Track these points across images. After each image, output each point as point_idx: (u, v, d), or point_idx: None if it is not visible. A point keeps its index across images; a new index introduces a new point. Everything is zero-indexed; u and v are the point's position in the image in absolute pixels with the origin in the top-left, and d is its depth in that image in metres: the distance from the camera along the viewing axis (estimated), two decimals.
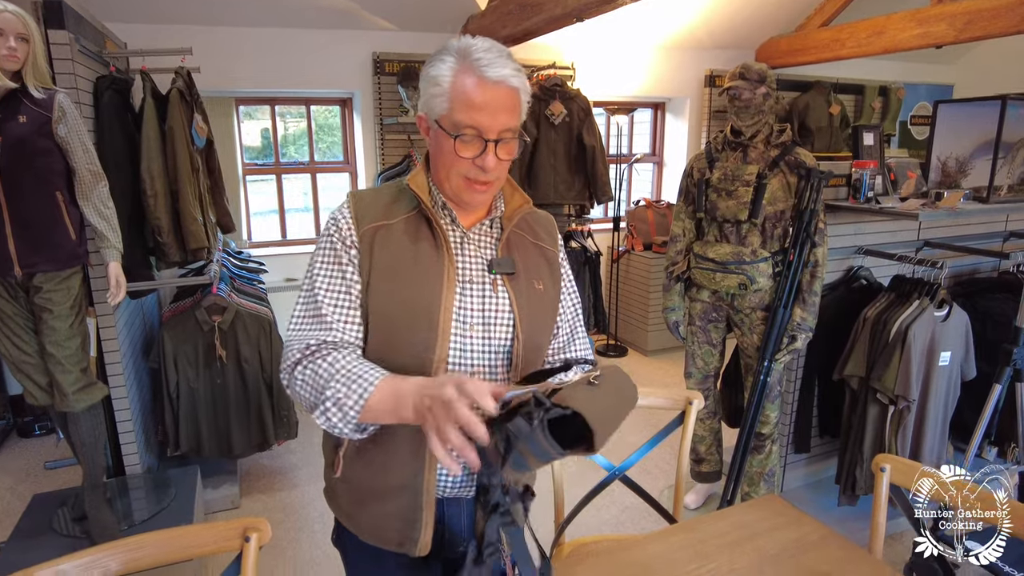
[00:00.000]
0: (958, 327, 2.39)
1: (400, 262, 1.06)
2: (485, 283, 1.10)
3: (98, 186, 2.13)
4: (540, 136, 3.90)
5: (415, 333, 1.04)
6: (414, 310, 1.05)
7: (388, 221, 1.08)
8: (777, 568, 1.24)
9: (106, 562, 1.13)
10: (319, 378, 0.98)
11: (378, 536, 1.13)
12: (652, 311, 4.64)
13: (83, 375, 2.14)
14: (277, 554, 2.50)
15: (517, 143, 1.05)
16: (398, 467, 1.07)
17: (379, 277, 1.06)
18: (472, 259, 1.11)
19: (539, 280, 1.16)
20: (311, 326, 1.05)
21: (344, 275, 1.07)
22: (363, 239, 1.07)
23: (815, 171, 2.28)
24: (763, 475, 2.58)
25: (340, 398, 0.94)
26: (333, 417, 0.95)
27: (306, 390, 0.99)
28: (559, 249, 1.25)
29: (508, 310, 1.10)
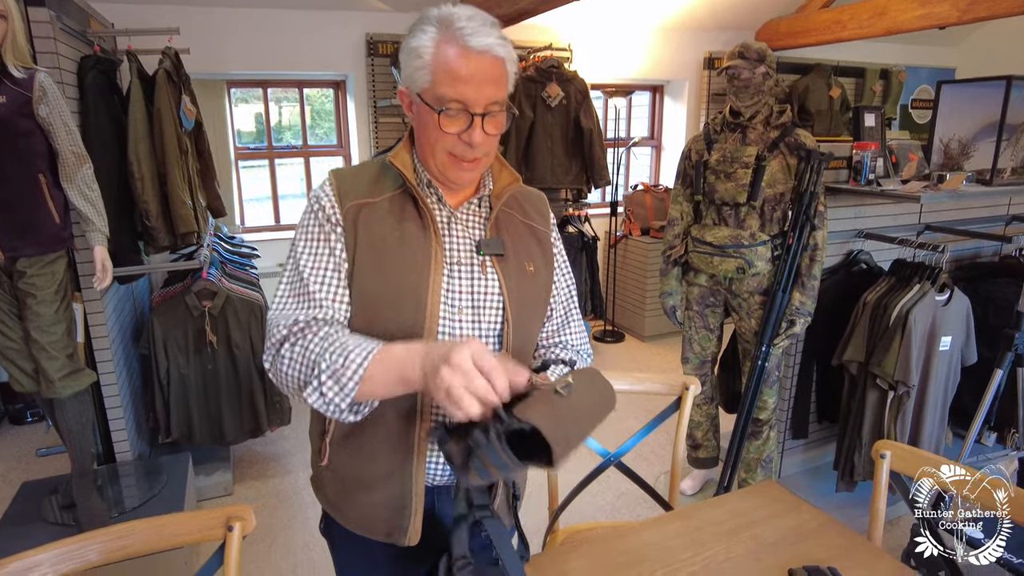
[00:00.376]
0: (959, 312, 2.36)
1: (385, 242, 1.02)
2: (474, 264, 1.06)
3: (82, 168, 2.08)
4: (536, 119, 3.84)
5: (401, 315, 1.00)
6: (400, 292, 1.00)
7: (372, 199, 1.04)
8: (775, 556, 1.21)
9: (86, 552, 1.10)
10: (310, 353, 0.92)
11: (366, 526, 1.09)
12: (649, 296, 4.60)
13: (69, 361, 2.10)
14: (271, 540, 2.48)
15: (505, 116, 1.00)
16: (386, 455, 1.04)
17: (364, 257, 1.01)
18: (460, 239, 1.07)
19: (530, 262, 1.12)
20: (297, 304, 1.00)
21: (332, 252, 1.02)
22: (347, 217, 1.02)
23: (815, 152, 2.23)
24: (760, 461, 2.56)
25: (337, 369, 0.88)
26: (329, 392, 0.89)
27: (295, 368, 0.93)
28: (551, 229, 1.20)
29: (497, 293, 1.06)
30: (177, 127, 2.57)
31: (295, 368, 0.94)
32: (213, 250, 3.02)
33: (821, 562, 1.17)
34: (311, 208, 1.05)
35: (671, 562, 1.20)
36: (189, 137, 2.79)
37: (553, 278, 1.18)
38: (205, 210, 2.93)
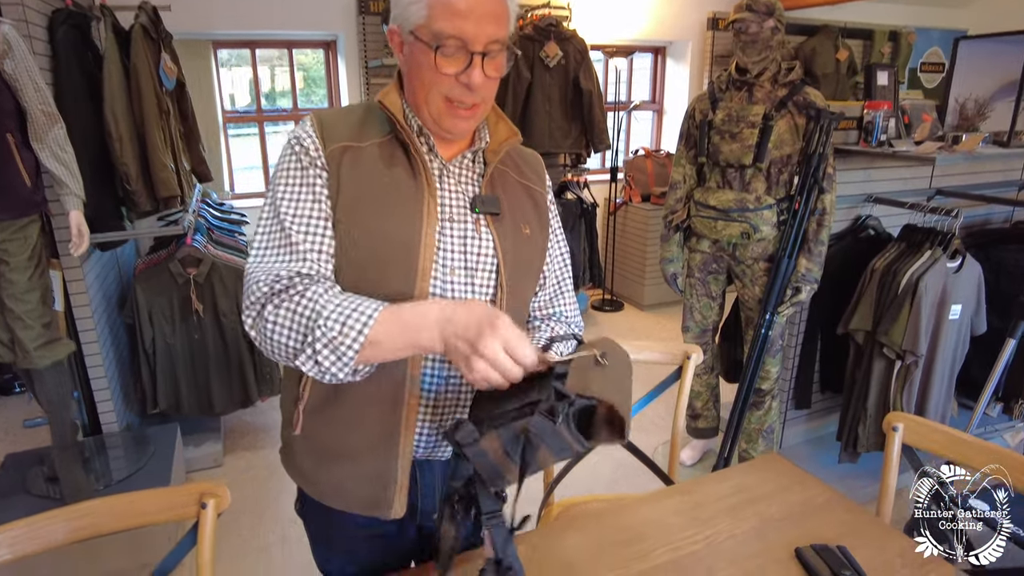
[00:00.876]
0: (971, 279, 2.28)
1: (372, 189, 0.92)
2: (467, 222, 0.97)
3: (53, 128, 1.97)
4: (534, 80, 3.70)
5: (389, 272, 0.91)
6: (389, 246, 0.91)
7: (358, 143, 0.94)
8: (781, 534, 1.14)
9: (47, 532, 1.03)
10: (301, 317, 0.83)
11: (346, 499, 1.01)
12: (649, 265, 4.51)
13: (45, 330, 2.02)
14: (260, 511, 2.44)
15: (506, 57, 0.91)
16: (370, 425, 0.95)
17: (348, 206, 0.91)
18: (453, 194, 0.97)
19: (526, 224, 1.04)
20: (278, 256, 0.90)
21: (316, 198, 0.92)
22: (331, 160, 0.92)
23: (825, 112, 2.13)
24: (761, 431, 2.50)
25: (334, 337, 0.80)
26: (325, 361, 0.81)
27: (283, 334, 0.84)
28: (547, 191, 1.12)
29: (492, 254, 0.97)
30: (156, 86, 2.45)
31: (283, 334, 0.84)
32: (200, 216, 2.92)
33: (829, 540, 1.11)
34: (291, 149, 0.94)
35: (672, 540, 1.14)
36: (171, 98, 2.67)
37: (548, 244, 1.09)
38: (189, 174, 2.82)
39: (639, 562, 1.07)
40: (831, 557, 1.05)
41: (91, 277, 2.45)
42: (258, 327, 0.87)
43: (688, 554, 1.10)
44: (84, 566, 2.03)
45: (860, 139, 2.38)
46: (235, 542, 2.29)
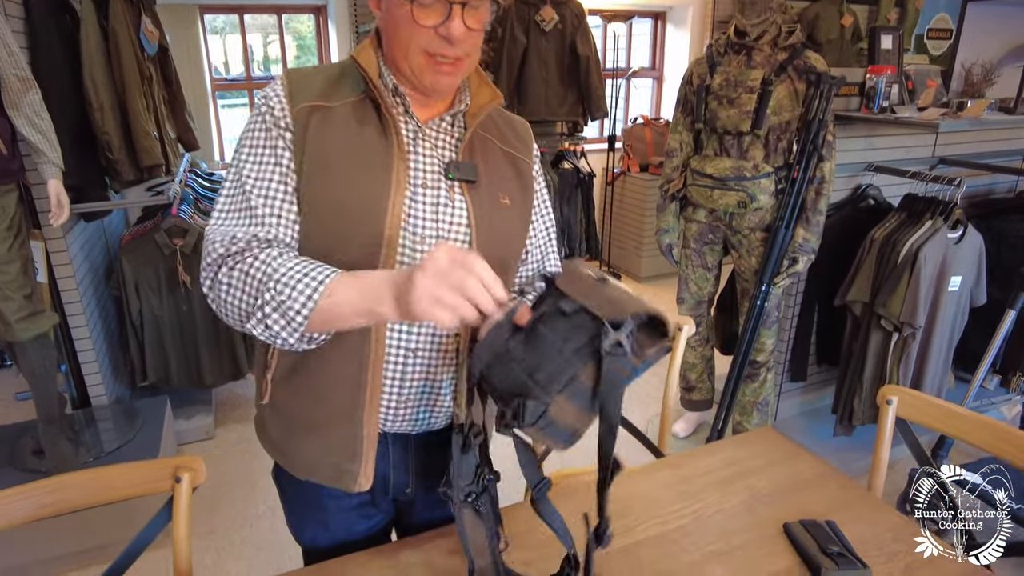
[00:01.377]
0: (971, 250, 2.23)
1: (340, 152, 0.88)
2: (440, 189, 0.92)
3: (28, 94, 1.90)
4: (530, 45, 3.60)
5: (354, 239, 0.87)
6: (354, 212, 0.87)
7: (328, 104, 0.89)
8: (770, 508, 1.12)
9: (15, 507, 1.01)
10: (251, 279, 0.80)
11: (313, 470, 0.99)
12: (647, 236, 4.46)
13: (27, 302, 1.98)
14: (253, 482, 2.44)
15: (488, 7, 0.85)
16: (336, 394, 0.92)
17: (313, 168, 0.87)
18: (427, 159, 0.92)
19: (505, 194, 0.98)
20: (238, 219, 0.87)
21: (278, 162, 0.88)
22: (297, 119, 0.88)
23: (826, 76, 2.06)
24: (756, 404, 2.48)
25: (283, 301, 0.77)
26: (275, 325, 0.79)
27: (234, 295, 0.81)
28: (534, 160, 1.06)
29: (464, 223, 0.93)
30: (137, 51, 2.37)
31: (236, 296, 0.81)
32: (187, 186, 2.86)
33: (819, 515, 1.08)
34: (258, 110, 0.90)
35: (659, 514, 1.11)
36: (153, 63, 2.59)
37: (531, 216, 1.04)
38: (175, 142, 2.76)
39: (625, 537, 1.05)
40: (819, 532, 1.02)
41: (75, 248, 2.40)
42: (213, 289, 0.84)
43: (675, 528, 1.07)
44: (75, 537, 2.03)
45: (862, 105, 2.32)
46: (229, 513, 2.29)
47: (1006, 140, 2.75)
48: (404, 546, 1.04)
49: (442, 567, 0.99)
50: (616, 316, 0.73)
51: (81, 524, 2.01)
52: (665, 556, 1.01)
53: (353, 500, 1.03)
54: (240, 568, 2.05)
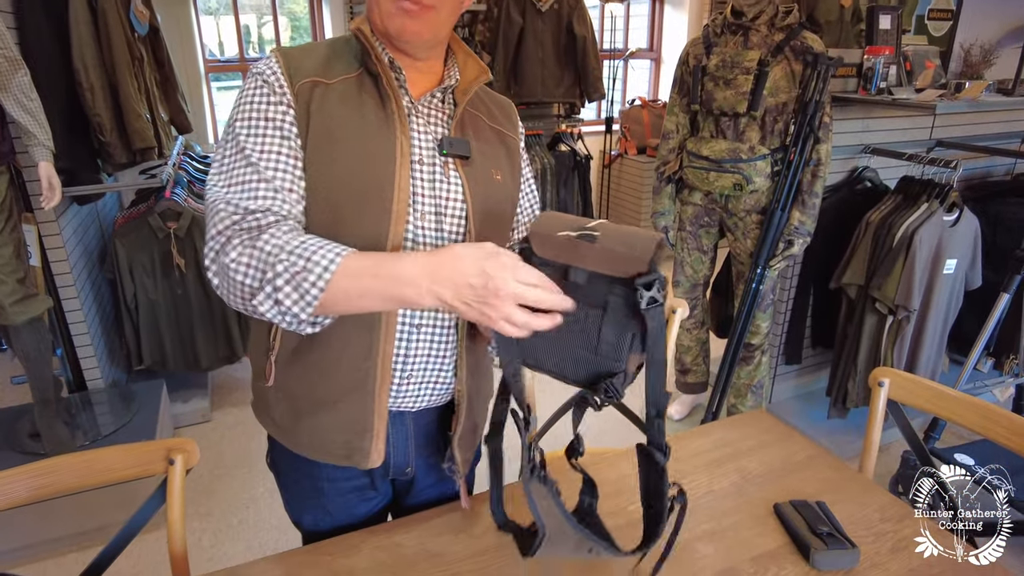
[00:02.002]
0: (967, 233, 2.23)
1: (343, 127, 0.87)
2: (436, 164, 0.92)
3: (17, 75, 1.88)
4: (526, 25, 3.56)
5: (363, 215, 0.86)
6: (363, 185, 0.86)
7: (326, 80, 0.88)
8: (760, 489, 1.13)
9: (11, 489, 1.01)
10: (262, 252, 0.76)
11: (321, 449, 0.98)
12: (644, 219, 4.45)
13: (20, 286, 1.97)
14: (250, 466, 2.45)
15: None
16: (346, 368, 0.92)
17: (317, 146, 0.86)
18: (422, 135, 0.92)
19: (497, 169, 0.99)
20: (245, 191, 0.82)
21: (284, 135, 0.85)
22: (299, 97, 0.86)
23: (823, 57, 2.04)
24: (751, 387, 2.49)
25: (298, 272, 0.74)
26: (287, 300, 0.75)
27: (239, 271, 0.77)
28: (520, 137, 1.07)
29: (460, 199, 0.93)
30: (127, 31, 2.34)
31: (241, 271, 0.77)
32: (181, 169, 2.84)
33: (809, 496, 1.09)
34: (254, 83, 0.87)
35: None
36: (144, 44, 2.56)
37: (519, 193, 1.05)
38: (167, 125, 2.73)
39: (613, 517, 1.05)
40: (809, 512, 1.03)
41: (68, 231, 2.39)
42: (218, 263, 0.79)
43: None
44: (71, 520, 2.04)
45: (859, 87, 2.30)
46: (226, 495, 2.30)
47: (1004, 122, 2.74)
48: (397, 527, 1.04)
49: (433, 547, 0.99)
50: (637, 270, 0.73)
51: (80, 506, 2.02)
52: None
53: (352, 483, 1.03)
54: (237, 549, 2.07)
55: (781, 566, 0.95)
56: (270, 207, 0.81)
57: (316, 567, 0.96)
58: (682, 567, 0.95)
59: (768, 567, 0.96)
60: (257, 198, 0.82)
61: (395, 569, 0.95)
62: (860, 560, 0.95)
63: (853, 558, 0.95)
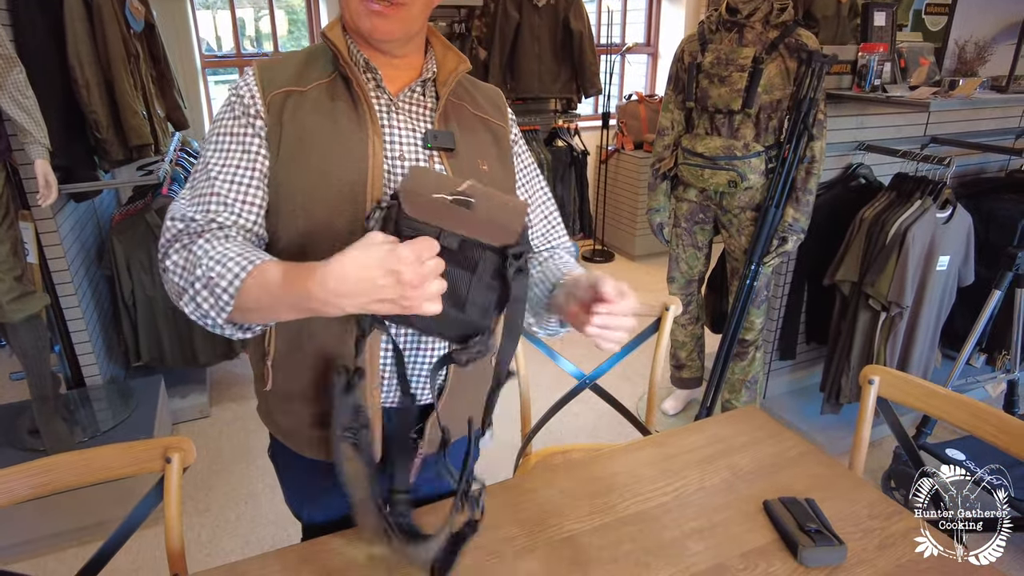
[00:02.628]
0: (960, 230, 2.24)
1: (315, 134, 0.89)
2: (419, 159, 0.93)
3: (12, 72, 1.88)
4: (523, 20, 3.56)
5: (337, 216, 0.87)
6: (335, 187, 0.87)
7: (300, 88, 0.90)
8: (750, 486, 1.14)
9: (10, 486, 1.03)
10: (194, 257, 0.80)
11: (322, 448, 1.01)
12: (641, 214, 4.46)
13: (17, 283, 1.98)
14: (249, 462, 2.46)
15: None
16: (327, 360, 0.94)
17: (290, 152, 0.88)
18: (402, 131, 0.93)
19: (484, 159, 0.98)
20: (199, 202, 0.86)
21: (246, 148, 0.89)
22: (271, 108, 0.89)
23: (817, 54, 2.05)
24: (745, 382, 2.51)
25: (212, 277, 0.77)
26: (204, 303, 0.78)
27: (176, 272, 0.81)
28: (509, 124, 1.06)
29: None
30: (123, 27, 2.34)
31: (176, 273, 0.81)
32: (178, 165, 2.85)
33: (799, 493, 1.11)
34: (227, 100, 0.92)
35: (641, 491, 1.13)
36: (139, 40, 2.56)
37: (514, 183, 1.04)
38: (164, 121, 2.74)
39: (605, 514, 1.07)
40: (798, 509, 1.05)
41: (66, 229, 2.40)
42: (161, 265, 0.84)
43: (656, 506, 1.10)
44: (70, 516, 2.06)
45: (853, 84, 2.31)
46: (224, 490, 2.32)
47: (998, 119, 2.75)
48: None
49: None
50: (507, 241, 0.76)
51: (79, 502, 2.03)
52: (645, 533, 1.03)
53: None
54: (235, 544, 2.09)
55: (770, 563, 0.97)
56: (214, 218, 0.85)
57: (314, 562, 0.97)
58: (672, 563, 0.97)
59: (757, 563, 0.97)
60: (207, 211, 0.85)
61: (392, 564, 0.96)
62: (847, 557, 0.97)
63: (840, 555, 0.97)
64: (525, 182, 1.08)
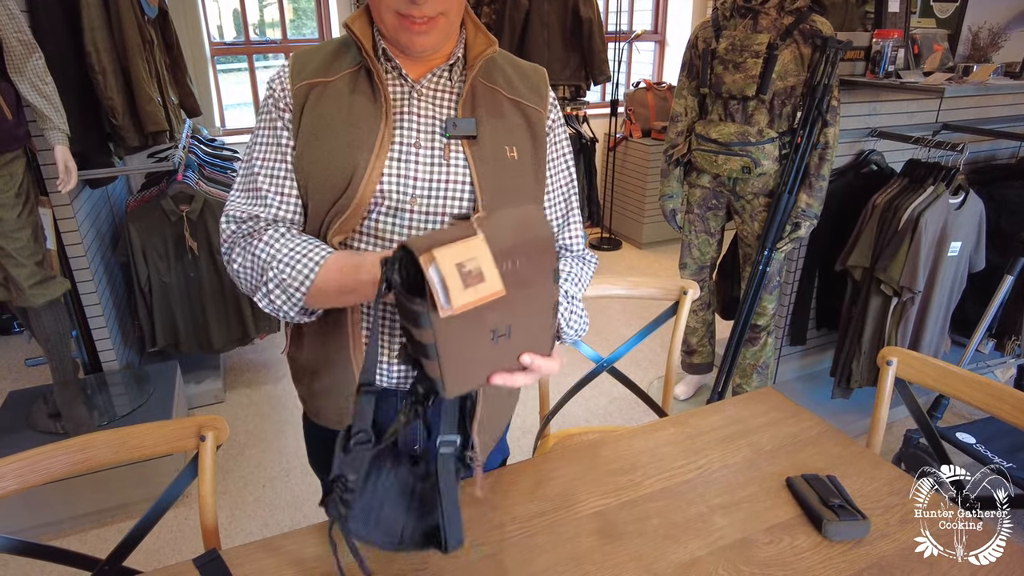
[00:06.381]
0: (972, 216, 2.25)
1: (330, 124, 0.91)
2: (434, 148, 0.92)
3: (31, 58, 1.89)
4: (532, 8, 3.56)
5: (334, 199, 0.90)
6: (336, 174, 0.90)
7: (327, 78, 0.92)
8: (772, 464, 1.17)
9: (49, 464, 1.05)
10: (256, 259, 0.90)
11: (321, 414, 1.07)
12: (649, 202, 4.47)
13: (39, 268, 2.00)
14: (264, 446, 2.49)
15: None
16: (328, 342, 0.99)
17: (306, 141, 0.92)
18: (423, 118, 0.93)
19: (512, 146, 0.95)
20: (246, 199, 0.96)
21: (278, 141, 0.94)
22: (296, 96, 0.92)
23: (832, 40, 2.05)
24: (756, 367, 2.53)
25: (284, 279, 0.87)
26: (277, 300, 0.89)
27: (244, 273, 0.92)
28: (549, 109, 1.01)
29: (466, 181, 0.92)
30: (138, 14, 2.34)
31: (245, 274, 0.92)
32: (190, 152, 2.86)
33: (820, 471, 1.13)
34: (266, 92, 0.97)
35: (665, 469, 1.16)
36: (153, 27, 2.56)
37: (546, 169, 1.01)
38: (177, 108, 2.75)
39: (632, 490, 1.09)
40: (821, 486, 1.07)
41: (82, 215, 2.41)
42: (229, 267, 0.95)
43: (681, 482, 1.12)
44: (93, 497, 2.09)
45: (867, 70, 2.31)
46: (241, 475, 2.35)
47: (1011, 105, 2.75)
48: None
49: None
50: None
51: (99, 484, 2.07)
52: (672, 508, 1.05)
53: None
54: (254, 526, 2.12)
55: (795, 536, 0.99)
56: (258, 214, 0.93)
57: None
58: (699, 537, 0.99)
59: (782, 537, 0.99)
60: (253, 205, 0.94)
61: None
62: (870, 531, 0.99)
63: (864, 529, 0.99)
64: (552, 171, 1.03)
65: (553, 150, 1.03)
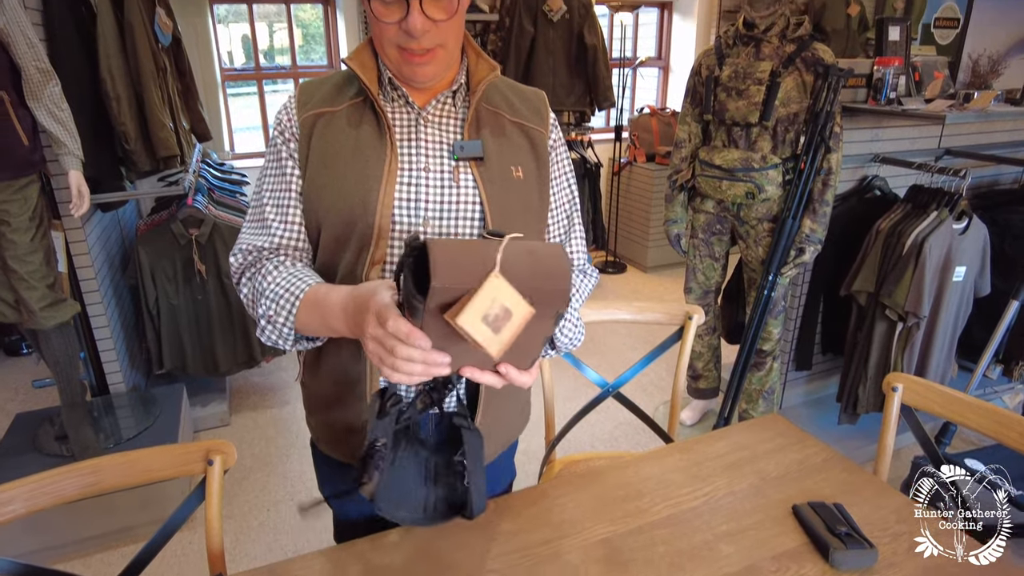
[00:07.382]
0: (976, 241, 2.26)
1: (337, 153, 0.93)
2: (443, 171, 0.94)
3: (48, 85, 1.94)
4: (537, 35, 3.62)
5: (351, 229, 0.92)
6: (349, 203, 0.91)
7: (332, 108, 0.95)
8: (779, 491, 1.16)
9: (60, 487, 1.06)
10: (253, 292, 0.94)
11: (333, 446, 1.07)
12: (653, 226, 4.49)
13: (50, 291, 2.03)
14: (269, 470, 2.49)
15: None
16: (342, 374, 0.99)
17: (314, 171, 0.93)
18: (430, 144, 0.95)
19: (518, 166, 0.97)
20: (253, 230, 0.98)
21: (284, 172, 0.96)
22: (303, 127, 0.94)
23: (834, 68, 2.08)
24: (762, 392, 2.52)
25: (272, 315, 0.89)
26: (272, 334, 0.91)
27: (248, 304, 0.97)
28: (550, 129, 1.04)
29: (475, 201, 0.94)
30: (152, 42, 2.40)
31: (248, 305, 0.97)
32: (200, 176, 2.90)
33: (826, 498, 1.13)
34: (274, 122, 0.99)
35: (671, 496, 1.15)
36: (167, 54, 2.62)
37: (549, 188, 1.03)
38: (189, 133, 2.79)
39: (638, 517, 1.09)
40: (827, 513, 1.06)
41: (93, 238, 2.44)
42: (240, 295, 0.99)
43: (687, 510, 1.12)
44: (97, 521, 2.09)
45: (869, 97, 2.34)
46: (245, 499, 2.34)
47: (1012, 131, 2.77)
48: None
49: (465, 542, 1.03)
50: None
51: (103, 508, 2.06)
52: (678, 536, 1.05)
53: None
54: (259, 550, 2.11)
55: (801, 565, 0.99)
56: (262, 245, 0.96)
57: (355, 563, 0.99)
58: (705, 564, 0.99)
59: (788, 566, 0.99)
60: (259, 235, 0.97)
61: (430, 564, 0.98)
62: (878, 560, 0.99)
63: (871, 558, 0.98)
64: (554, 189, 1.05)
65: (555, 168, 1.05)
